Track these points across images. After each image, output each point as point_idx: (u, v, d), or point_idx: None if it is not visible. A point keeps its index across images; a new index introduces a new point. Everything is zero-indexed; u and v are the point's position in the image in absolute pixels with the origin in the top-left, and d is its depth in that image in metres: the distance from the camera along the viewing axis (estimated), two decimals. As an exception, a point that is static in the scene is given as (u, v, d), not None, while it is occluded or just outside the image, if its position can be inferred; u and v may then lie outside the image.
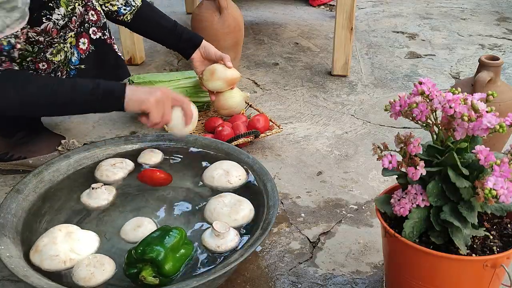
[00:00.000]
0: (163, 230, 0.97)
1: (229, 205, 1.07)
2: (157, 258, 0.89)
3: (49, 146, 1.41)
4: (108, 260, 0.95)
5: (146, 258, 0.89)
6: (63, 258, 0.95)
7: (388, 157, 0.82)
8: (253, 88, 1.91)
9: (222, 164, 1.20)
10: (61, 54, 1.24)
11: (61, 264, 0.94)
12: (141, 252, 0.90)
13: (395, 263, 0.92)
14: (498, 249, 0.84)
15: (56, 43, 1.21)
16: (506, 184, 0.74)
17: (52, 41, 1.19)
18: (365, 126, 1.65)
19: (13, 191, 1.08)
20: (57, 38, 1.20)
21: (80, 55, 1.29)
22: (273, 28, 2.53)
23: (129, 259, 0.92)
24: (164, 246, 0.91)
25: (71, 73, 1.30)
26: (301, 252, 1.13)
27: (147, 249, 0.90)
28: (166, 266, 0.90)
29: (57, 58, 1.24)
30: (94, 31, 1.31)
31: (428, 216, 0.83)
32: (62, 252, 0.95)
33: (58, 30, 1.18)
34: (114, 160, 1.23)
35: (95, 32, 1.31)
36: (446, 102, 0.78)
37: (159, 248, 0.90)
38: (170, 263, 0.91)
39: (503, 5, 2.89)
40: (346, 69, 1.96)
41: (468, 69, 2.06)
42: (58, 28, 1.17)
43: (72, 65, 1.29)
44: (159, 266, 0.90)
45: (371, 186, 1.35)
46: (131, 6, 1.41)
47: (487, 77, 1.27)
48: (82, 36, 1.29)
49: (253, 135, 1.47)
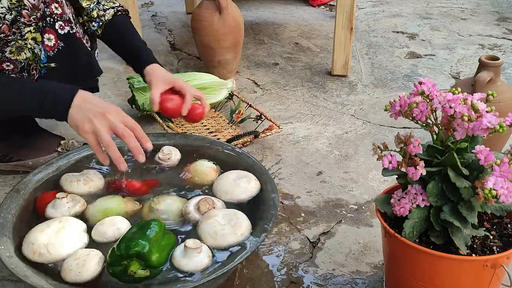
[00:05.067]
0: (141, 224, 0.96)
1: (227, 222, 1.00)
2: (142, 251, 0.89)
3: (48, 148, 1.40)
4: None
5: (132, 253, 0.89)
6: (34, 249, 0.94)
7: (388, 157, 0.82)
8: (253, 88, 1.91)
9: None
10: (25, 52, 1.15)
11: (30, 254, 0.94)
12: (124, 248, 0.89)
13: (395, 263, 0.92)
14: (498, 249, 0.84)
15: (12, 40, 1.13)
16: (506, 184, 0.74)
17: (6, 38, 1.11)
18: (365, 126, 1.65)
19: (13, 191, 1.08)
20: (11, 35, 1.12)
21: (47, 52, 1.18)
22: (273, 28, 2.53)
23: (112, 258, 0.90)
24: (148, 238, 0.91)
25: (42, 71, 1.21)
26: (301, 252, 1.12)
27: (130, 244, 0.89)
28: (152, 257, 0.90)
29: (21, 56, 1.16)
30: (61, 25, 1.19)
31: (428, 216, 0.83)
32: (37, 244, 0.94)
33: (8, 25, 1.09)
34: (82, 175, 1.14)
35: (62, 27, 1.19)
36: (446, 102, 0.78)
37: (142, 242, 0.90)
38: (156, 254, 0.91)
39: (503, 5, 2.89)
40: (346, 69, 1.96)
41: (468, 69, 2.06)
42: (7, 23, 1.09)
43: (42, 63, 1.19)
44: (145, 259, 0.89)
45: (371, 186, 1.35)
46: (100, 22, 1.32)
47: (487, 77, 1.27)
48: (46, 32, 1.17)
49: (253, 135, 1.47)
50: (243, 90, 1.89)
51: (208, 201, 1.05)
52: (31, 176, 1.13)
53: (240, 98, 1.68)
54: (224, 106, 1.74)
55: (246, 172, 1.15)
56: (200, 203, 1.04)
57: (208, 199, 1.06)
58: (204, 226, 1.00)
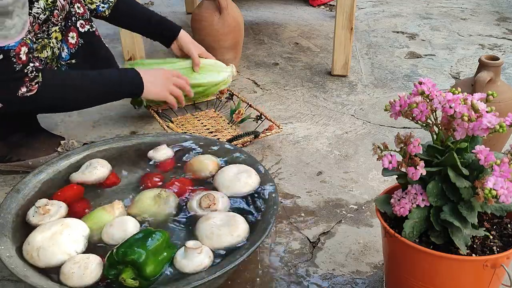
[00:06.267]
0: (147, 232, 0.95)
1: (224, 223, 1.00)
2: (138, 260, 0.87)
3: (48, 148, 1.40)
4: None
5: (127, 260, 0.88)
6: (28, 250, 0.93)
7: (388, 157, 0.82)
8: (253, 88, 1.91)
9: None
10: (47, 50, 1.22)
11: (25, 253, 0.93)
12: (122, 253, 0.88)
13: (395, 263, 0.92)
14: (498, 249, 0.84)
15: (40, 38, 1.18)
16: (506, 184, 0.74)
17: (35, 37, 1.16)
18: (365, 126, 1.65)
19: (13, 191, 1.08)
20: (40, 33, 1.17)
21: (70, 49, 1.27)
22: (273, 28, 2.53)
23: (110, 260, 0.90)
24: (146, 248, 0.89)
25: (62, 68, 1.28)
26: (301, 252, 1.12)
27: (128, 251, 0.89)
28: (147, 269, 0.88)
29: (43, 54, 1.21)
30: (82, 24, 1.29)
31: (428, 216, 0.83)
32: (31, 245, 0.94)
33: (40, 24, 1.15)
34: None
35: (83, 25, 1.29)
36: (446, 102, 0.78)
37: (140, 251, 0.89)
38: (151, 266, 0.89)
39: (503, 5, 2.89)
40: (346, 69, 1.96)
41: (468, 69, 2.06)
42: (39, 22, 1.14)
43: (63, 61, 1.27)
44: (139, 268, 0.88)
45: (371, 186, 1.35)
46: (109, 3, 1.45)
47: (487, 77, 1.27)
48: (71, 30, 1.27)
49: (253, 135, 1.47)
50: (243, 90, 1.89)
51: (210, 197, 1.05)
52: (31, 176, 1.13)
53: (240, 98, 1.68)
54: (224, 106, 1.74)
55: (246, 166, 1.17)
56: (202, 199, 1.05)
57: (210, 195, 1.06)
58: (201, 226, 1.00)
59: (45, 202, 1.03)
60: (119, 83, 1.33)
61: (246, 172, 1.15)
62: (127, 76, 1.36)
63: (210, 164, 1.18)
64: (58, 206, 1.05)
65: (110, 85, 1.32)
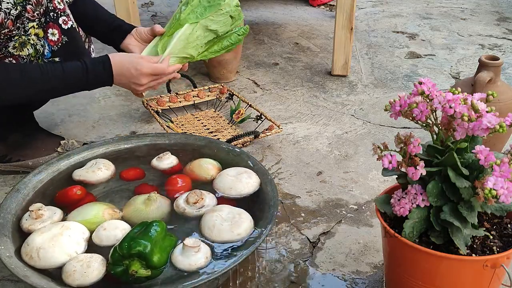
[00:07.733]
0: (143, 225, 0.96)
1: (229, 219, 1.01)
2: (144, 251, 0.89)
3: (48, 148, 1.40)
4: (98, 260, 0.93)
5: (133, 252, 0.89)
6: (27, 251, 0.93)
7: (388, 157, 0.82)
8: (253, 88, 1.91)
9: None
10: (28, 47, 1.17)
11: (24, 254, 0.93)
12: (127, 247, 0.89)
13: (395, 263, 0.92)
14: (498, 249, 0.84)
15: (16, 35, 1.13)
16: (506, 184, 0.74)
17: (10, 33, 1.12)
18: (365, 126, 1.65)
19: (13, 191, 1.08)
20: (15, 30, 1.12)
21: (51, 47, 1.20)
22: (273, 28, 2.53)
23: (113, 257, 0.90)
24: (150, 238, 0.91)
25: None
26: (301, 252, 1.13)
27: (132, 243, 0.90)
28: (154, 258, 0.90)
29: (24, 52, 1.17)
30: (65, 20, 1.21)
31: (428, 216, 0.83)
32: (31, 246, 0.94)
33: (13, 20, 1.10)
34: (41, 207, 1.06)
35: (65, 22, 1.21)
36: (446, 102, 0.78)
37: (145, 242, 0.90)
38: (157, 255, 0.91)
39: (503, 5, 2.89)
40: (346, 69, 1.96)
41: (468, 69, 2.06)
42: (12, 18, 1.09)
43: (46, 59, 1.21)
44: (147, 259, 0.89)
45: (371, 186, 1.35)
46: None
47: (487, 77, 1.27)
48: (50, 27, 1.19)
49: (253, 135, 1.47)
50: (243, 90, 1.89)
51: (197, 193, 1.06)
52: (31, 176, 1.13)
53: (240, 98, 1.68)
54: (224, 106, 1.74)
55: (244, 168, 1.18)
56: (189, 195, 1.06)
57: (196, 191, 1.07)
58: (207, 217, 1.02)
59: (39, 206, 1.02)
60: (85, 84, 1.21)
61: (246, 172, 1.15)
62: (95, 75, 1.21)
63: (211, 169, 1.19)
64: (52, 212, 1.04)
65: (74, 84, 1.20)
